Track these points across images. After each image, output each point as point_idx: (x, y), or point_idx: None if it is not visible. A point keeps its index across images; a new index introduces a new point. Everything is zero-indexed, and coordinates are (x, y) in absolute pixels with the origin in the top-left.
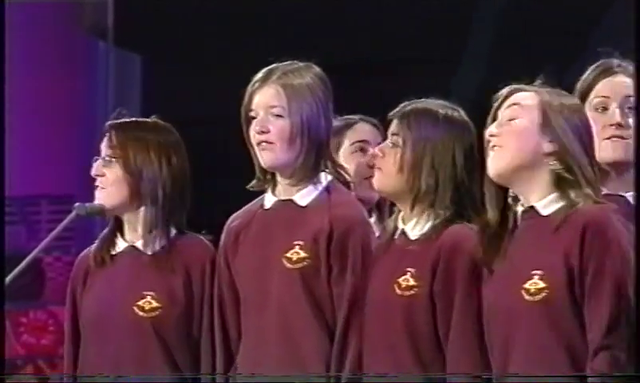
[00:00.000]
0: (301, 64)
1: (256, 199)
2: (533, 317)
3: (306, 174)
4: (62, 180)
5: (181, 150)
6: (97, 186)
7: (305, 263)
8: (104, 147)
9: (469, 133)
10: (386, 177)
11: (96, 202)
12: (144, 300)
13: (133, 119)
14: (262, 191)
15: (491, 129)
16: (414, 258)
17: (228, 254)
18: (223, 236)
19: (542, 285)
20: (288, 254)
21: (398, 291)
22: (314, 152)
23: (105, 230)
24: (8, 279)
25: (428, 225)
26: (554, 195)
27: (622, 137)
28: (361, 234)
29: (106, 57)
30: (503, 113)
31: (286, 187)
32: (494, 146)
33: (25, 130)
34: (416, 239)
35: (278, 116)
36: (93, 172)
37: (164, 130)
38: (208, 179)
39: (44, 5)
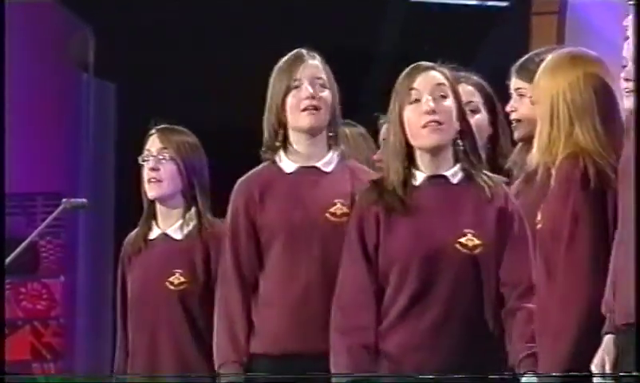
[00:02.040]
0: None
1: (260, 167)
2: (467, 267)
3: (329, 142)
4: (53, 180)
5: (202, 149)
6: (152, 179)
7: (346, 218)
8: (154, 147)
9: None
10: None
11: (149, 193)
12: (173, 276)
13: (171, 126)
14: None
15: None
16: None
17: (251, 210)
18: (239, 196)
19: (477, 241)
20: (332, 210)
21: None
22: (339, 122)
23: (141, 221)
24: (11, 258)
25: None
26: (458, 167)
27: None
28: None
29: (87, 85)
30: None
31: (310, 153)
32: (433, 122)
33: (23, 139)
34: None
35: (323, 86)
36: (150, 166)
37: (191, 134)
38: None
39: (40, 43)
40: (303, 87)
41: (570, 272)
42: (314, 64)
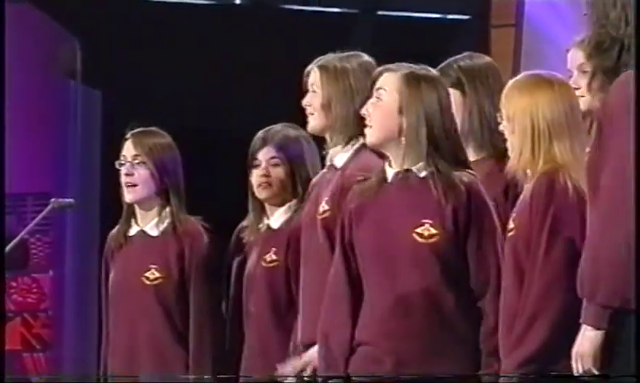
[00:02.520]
0: None
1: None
2: (424, 255)
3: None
4: (43, 181)
5: (175, 148)
6: (127, 184)
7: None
8: (128, 153)
9: None
10: None
11: (126, 197)
12: (149, 272)
13: (146, 129)
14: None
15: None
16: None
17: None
18: None
19: (433, 231)
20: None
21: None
22: None
23: (122, 218)
24: (3, 252)
25: None
26: (423, 163)
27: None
28: None
29: (75, 92)
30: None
31: None
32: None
33: (14, 142)
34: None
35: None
36: (125, 172)
37: (165, 135)
38: None
39: (32, 53)
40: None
41: (545, 282)
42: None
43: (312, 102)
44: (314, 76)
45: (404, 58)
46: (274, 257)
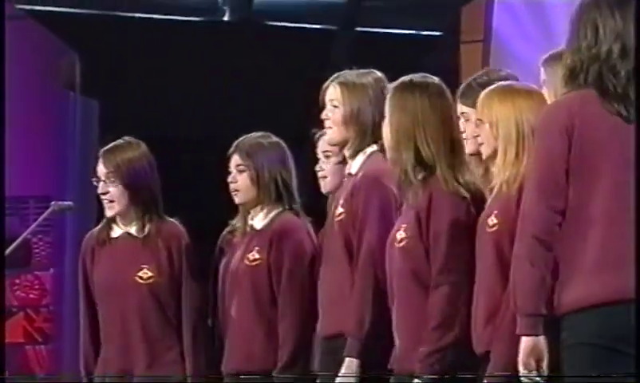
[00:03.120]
0: None
1: None
2: (401, 258)
3: None
4: (44, 185)
5: (148, 154)
6: (104, 201)
7: None
8: (100, 172)
9: None
10: None
11: (106, 212)
12: (142, 271)
13: (117, 143)
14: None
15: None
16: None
17: None
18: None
19: (404, 235)
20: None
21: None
22: None
23: (103, 222)
24: (6, 253)
25: None
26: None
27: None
28: None
29: (74, 103)
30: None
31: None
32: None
33: (17, 148)
34: None
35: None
36: (100, 191)
37: (138, 146)
38: None
39: (34, 66)
40: None
41: None
42: None
43: (332, 116)
44: (333, 91)
45: (383, 71)
46: (257, 255)
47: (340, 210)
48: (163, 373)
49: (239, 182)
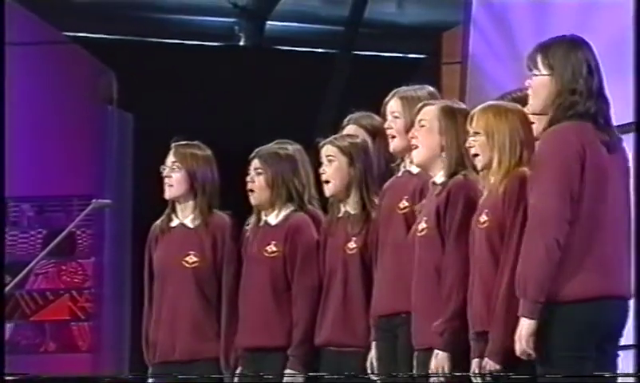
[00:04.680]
0: None
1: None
2: (420, 247)
3: None
4: (86, 186)
5: (213, 159)
6: (166, 184)
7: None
8: (168, 160)
9: None
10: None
11: (165, 195)
12: (188, 256)
13: (187, 141)
14: None
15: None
16: None
17: None
18: None
19: (424, 225)
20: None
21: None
22: None
23: (164, 213)
24: (54, 243)
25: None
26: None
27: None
28: None
29: (112, 115)
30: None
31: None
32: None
33: (64, 154)
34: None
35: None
36: (165, 175)
37: (202, 147)
38: None
39: (77, 83)
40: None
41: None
42: None
43: (394, 126)
44: (394, 104)
45: (375, 88)
46: (274, 248)
47: (405, 204)
48: (203, 349)
49: (256, 183)
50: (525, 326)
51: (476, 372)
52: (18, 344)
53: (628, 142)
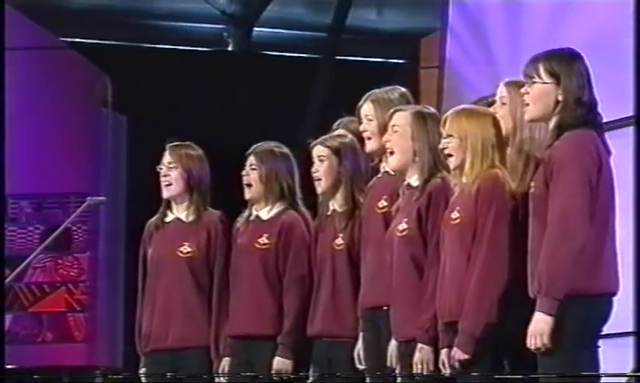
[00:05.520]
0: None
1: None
2: (400, 246)
3: None
4: (82, 184)
5: (205, 158)
6: (164, 183)
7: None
8: (165, 160)
9: None
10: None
11: (164, 194)
12: (182, 247)
13: (181, 142)
14: None
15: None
16: None
17: None
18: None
19: (405, 226)
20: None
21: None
22: None
23: (160, 210)
24: (50, 239)
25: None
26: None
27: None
28: None
29: (106, 117)
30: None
31: None
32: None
33: (62, 155)
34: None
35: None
36: (162, 174)
37: (194, 147)
38: None
39: (73, 87)
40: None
41: (491, 258)
42: None
43: (368, 128)
44: (367, 107)
45: (358, 92)
46: (266, 240)
47: (383, 203)
48: (195, 337)
49: (251, 177)
50: (543, 322)
51: (445, 361)
52: (17, 334)
53: (627, 136)
